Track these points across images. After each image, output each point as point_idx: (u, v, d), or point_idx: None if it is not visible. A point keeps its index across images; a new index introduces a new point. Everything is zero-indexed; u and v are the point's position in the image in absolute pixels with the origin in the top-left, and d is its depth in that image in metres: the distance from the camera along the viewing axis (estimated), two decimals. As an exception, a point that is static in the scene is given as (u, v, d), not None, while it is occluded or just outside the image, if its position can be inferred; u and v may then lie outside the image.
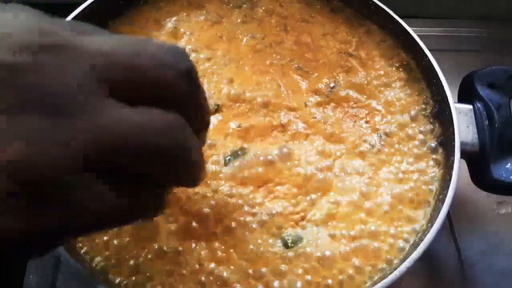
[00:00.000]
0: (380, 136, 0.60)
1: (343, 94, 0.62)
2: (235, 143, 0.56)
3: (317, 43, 0.67)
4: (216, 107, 0.59)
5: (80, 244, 0.49)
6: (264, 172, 0.54)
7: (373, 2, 0.67)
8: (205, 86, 0.61)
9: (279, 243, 0.50)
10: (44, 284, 0.61)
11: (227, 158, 0.55)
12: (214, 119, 0.58)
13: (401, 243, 0.52)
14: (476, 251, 0.67)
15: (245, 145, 0.56)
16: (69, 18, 0.61)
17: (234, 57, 0.64)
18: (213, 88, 0.61)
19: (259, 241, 0.50)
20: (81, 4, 0.62)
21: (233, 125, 0.57)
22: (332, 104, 0.62)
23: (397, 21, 0.65)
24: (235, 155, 0.55)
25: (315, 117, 0.60)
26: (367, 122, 0.61)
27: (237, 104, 0.60)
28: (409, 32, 0.64)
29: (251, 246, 0.49)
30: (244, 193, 0.52)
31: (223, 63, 0.63)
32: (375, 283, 0.47)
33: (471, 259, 0.66)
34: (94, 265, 0.48)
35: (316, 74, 0.64)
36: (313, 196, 0.53)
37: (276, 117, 0.59)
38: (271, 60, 0.65)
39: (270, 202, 0.52)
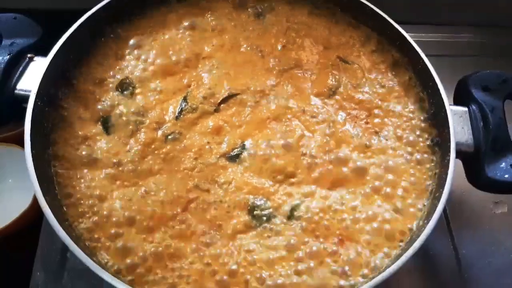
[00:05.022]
0: (379, 136, 0.61)
1: (344, 97, 0.65)
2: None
3: (317, 48, 0.69)
4: (215, 107, 0.62)
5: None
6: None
7: (370, 8, 0.69)
8: (207, 86, 0.63)
9: None
10: (50, 281, 0.62)
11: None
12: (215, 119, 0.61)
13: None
14: (473, 250, 0.69)
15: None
16: (78, 23, 0.63)
17: (236, 61, 0.66)
18: (215, 88, 0.63)
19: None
20: (88, 10, 0.65)
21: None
22: (334, 104, 0.64)
23: (394, 27, 0.67)
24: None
25: (318, 118, 0.62)
26: (367, 123, 0.63)
27: (237, 106, 0.62)
28: (405, 37, 0.66)
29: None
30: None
31: (225, 65, 0.66)
32: (371, 278, 0.49)
33: (468, 258, 0.68)
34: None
35: (317, 78, 0.66)
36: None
37: (280, 119, 0.62)
38: (273, 64, 0.67)
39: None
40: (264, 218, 0.54)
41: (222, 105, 0.62)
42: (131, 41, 0.68)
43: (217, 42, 0.68)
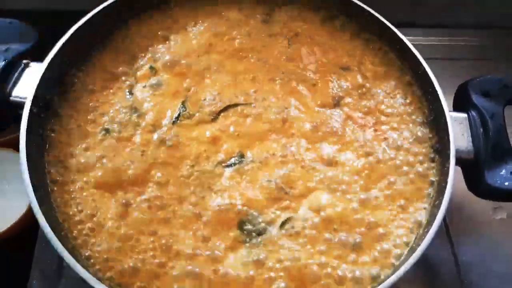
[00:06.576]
0: (388, 143, 0.61)
1: (349, 106, 0.64)
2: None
3: (319, 56, 0.68)
4: (214, 116, 0.61)
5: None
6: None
7: (369, 12, 0.69)
8: (209, 95, 0.63)
9: None
10: (46, 289, 0.61)
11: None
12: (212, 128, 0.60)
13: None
14: (473, 256, 0.68)
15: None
16: (75, 26, 0.63)
17: (238, 69, 0.66)
18: (215, 96, 0.62)
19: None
20: (89, 12, 0.64)
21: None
22: (340, 115, 0.63)
23: (393, 31, 0.67)
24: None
25: (324, 129, 0.61)
26: (375, 130, 0.62)
27: (237, 116, 0.61)
28: (404, 42, 0.66)
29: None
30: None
31: (227, 73, 0.65)
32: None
33: (467, 264, 0.67)
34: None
35: (320, 88, 0.65)
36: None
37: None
38: (276, 73, 0.66)
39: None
40: (254, 233, 0.53)
41: (222, 114, 0.61)
42: (132, 45, 0.68)
43: (221, 48, 0.68)
